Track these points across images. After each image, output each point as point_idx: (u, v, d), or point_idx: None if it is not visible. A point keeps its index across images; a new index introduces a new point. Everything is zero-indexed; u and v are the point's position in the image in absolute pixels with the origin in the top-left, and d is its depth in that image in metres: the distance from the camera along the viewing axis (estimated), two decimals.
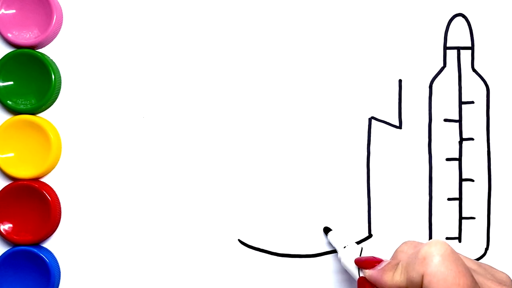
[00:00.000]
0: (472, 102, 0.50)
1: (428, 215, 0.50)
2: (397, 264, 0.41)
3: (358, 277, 0.44)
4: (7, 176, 0.50)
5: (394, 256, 0.44)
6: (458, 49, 0.50)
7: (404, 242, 0.44)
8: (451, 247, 0.39)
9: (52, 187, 0.50)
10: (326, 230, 0.50)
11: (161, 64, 0.50)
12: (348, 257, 0.46)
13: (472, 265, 0.42)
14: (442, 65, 0.50)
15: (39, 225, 0.49)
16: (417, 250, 0.39)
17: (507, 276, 0.41)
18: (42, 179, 0.50)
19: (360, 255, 0.46)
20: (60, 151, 0.50)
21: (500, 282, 0.40)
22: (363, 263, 0.44)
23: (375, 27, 0.50)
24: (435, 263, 0.38)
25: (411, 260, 0.39)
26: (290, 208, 0.50)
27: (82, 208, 0.50)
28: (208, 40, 0.51)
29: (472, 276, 0.38)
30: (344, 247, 0.47)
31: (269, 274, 0.50)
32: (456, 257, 0.38)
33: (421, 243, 0.42)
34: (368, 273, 0.43)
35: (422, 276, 0.38)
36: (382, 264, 0.43)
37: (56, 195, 0.50)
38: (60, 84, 0.50)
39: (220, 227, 0.50)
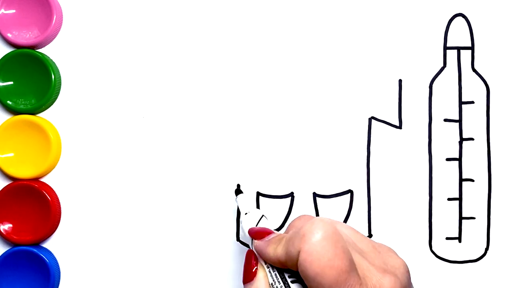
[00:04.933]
0: (472, 102, 0.50)
1: (428, 215, 0.50)
2: (283, 238, 0.40)
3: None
4: (7, 176, 0.50)
5: (286, 230, 0.43)
6: (458, 49, 0.50)
7: (298, 217, 0.43)
8: (335, 228, 0.37)
9: (52, 187, 0.50)
10: (237, 192, 0.47)
11: (161, 64, 0.50)
12: (247, 225, 0.44)
13: (366, 247, 0.40)
14: (442, 65, 0.50)
15: (39, 225, 0.49)
16: (301, 226, 0.38)
17: (403, 263, 0.39)
18: (42, 179, 0.50)
19: (257, 224, 0.44)
20: (60, 151, 0.50)
21: (388, 269, 0.38)
22: (254, 233, 0.42)
23: (375, 27, 0.50)
24: (313, 241, 0.36)
25: (293, 235, 0.38)
26: (290, 208, 0.50)
27: (82, 208, 0.50)
28: (208, 40, 0.51)
29: (351, 261, 0.37)
30: (246, 213, 0.45)
31: None
32: (337, 239, 0.37)
33: (312, 218, 0.40)
34: (255, 243, 0.42)
35: (299, 253, 0.37)
36: (270, 236, 0.41)
37: (56, 195, 0.50)
38: (60, 84, 0.50)
39: (220, 227, 0.50)
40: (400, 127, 0.50)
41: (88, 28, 0.50)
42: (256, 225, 0.44)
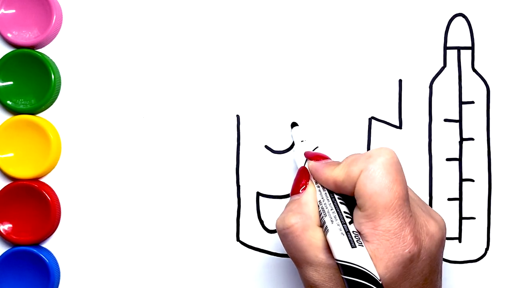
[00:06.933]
0: (472, 102, 0.50)
1: None
2: (341, 162, 0.41)
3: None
4: (7, 176, 0.50)
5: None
6: (458, 49, 0.50)
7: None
8: (398, 159, 0.39)
9: (52, 187, 0.50)
10: (293, 125, 0.50)
11: (161, 64, 0.50)
12: (301, 151, 0.46)
13: (413, 195, 0.41)
14: (442, 65, 0.50)
15: (39, 225, 0.49)
16: (365, 152, 0.40)
17: (443, 220, 0.41)
18: (42, 179, 0.50)
19: (314, 150, 0.46)
20: (60, 151, 0.50)
21: (433, 218, 0.40)
22: (312, 155, 0.44)
23: (375, 27, 0.50)
24: (378, 162, 0.38)
25: (357, 157, 0.39)
26: None
27: (82, 208, 0.50)
28: (208, 40, 0.51)
29: (407, 192, 0.38)
30: (302, 141, 0.47)
31: (269, 274, 0.50)
32: (400, 168, 0.38)
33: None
34: (311, 163, 0.43)
35: (361, 172, 0.38)
36: (328, 160, 0.43)
37: (55, 195, 0.50)
38: (60, 84, 0.50)
39: (219, 227, 0.50)
40: (400, 127, 0.50)
41: (88, 28, 0.50)
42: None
